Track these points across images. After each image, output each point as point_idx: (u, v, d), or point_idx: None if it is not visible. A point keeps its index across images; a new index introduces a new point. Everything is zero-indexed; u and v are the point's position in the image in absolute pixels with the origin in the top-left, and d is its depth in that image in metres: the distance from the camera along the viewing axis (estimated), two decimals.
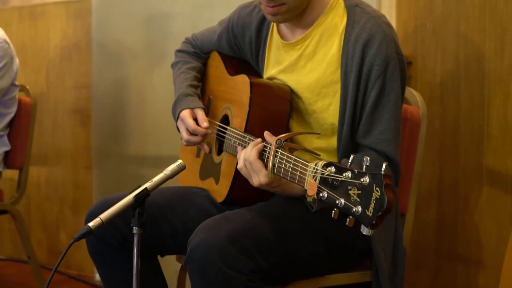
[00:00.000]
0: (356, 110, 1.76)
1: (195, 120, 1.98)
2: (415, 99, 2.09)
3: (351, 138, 1.77)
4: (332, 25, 1.80)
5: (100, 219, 1.50)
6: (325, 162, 1.42)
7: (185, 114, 1.97)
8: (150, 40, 3.40)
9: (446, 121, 2.47)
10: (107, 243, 1.85)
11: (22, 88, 3.14)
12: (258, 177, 1.62)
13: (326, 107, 1.82)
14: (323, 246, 1.76)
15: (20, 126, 3.12)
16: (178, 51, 2.25)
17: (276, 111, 1.88)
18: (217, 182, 1.97)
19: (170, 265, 2.18)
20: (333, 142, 1.81)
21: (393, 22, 2.57)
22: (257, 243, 1.60)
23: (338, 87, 1.79)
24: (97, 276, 3.49)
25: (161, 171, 1.59)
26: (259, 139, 1.67)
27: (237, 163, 1.71)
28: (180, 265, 2.11)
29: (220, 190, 1.93)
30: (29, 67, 3.77)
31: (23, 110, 3.11)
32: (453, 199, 2.44)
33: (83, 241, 1.86)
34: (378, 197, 1.26)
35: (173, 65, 2.22)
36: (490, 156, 2.34)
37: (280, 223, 1.70)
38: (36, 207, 3.82)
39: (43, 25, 3.73)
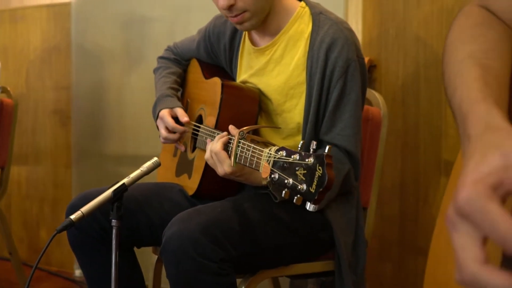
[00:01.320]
0: (319, 109, 1.81)
1: (175, 119, 2.03)
2: (377, 101, 2.13)
3: (315, 136, 1.82)
4: (299, 32, 1.87)
5: (81, 212, 1.55)
6: (278, 147, 1.47)
7: (164, 113, 2.03)
8: (129, 43, 3.39)
9: (408, 121, 2.51)
10: (87, 235, 1.90)
11: (3, 90, 3.13)
12: (223, 167, 1.66)
13: (294, 107, 1.88)
14: (288, 238, 1.79)
15: (2, 126, 3.12)
16: (160, 57, 2.31)
17: (245, 111, 1.94)
18: (189, 177, 2.02)
19: (146, 258, 2.22)
20: (299, 140, 1.85)
21: (359, 27, 2.61)
22: (227, 234, 1.64)
23: (304, 88, 1.85)
24: (77, 272, 3.53)
25: None
26: (225, 133, 1.72)
27: None
28: (156, 256, 2.15)
29: (192, 184, 1.98)
30: (10, 69, 3.74)
31: (5, 110, 3.10)
32: (414, 195, 2.50)
33: (63, 238, 1.91)
34: (320, 175, 1.31)
35: (155, 71, 2.28)
36: (447, 154, 2.40)
37: (249, 216, 1.74)
38: (16, 205, 3.80)
39: (24, 28, 3.71)
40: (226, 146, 1.69)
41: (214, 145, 1.68)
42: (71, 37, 3.56)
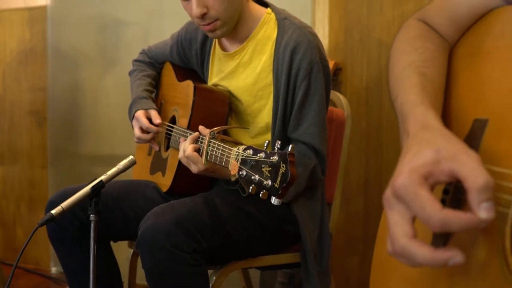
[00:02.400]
0: (286, 109, 1.89)
1: (149, 119, 2.11)
2: (341, 102, 2.22)
3: (283, 134, 1.90)
4: (265, 37, 1.95)
5: (61, 207, 1.60)
6: (245, 146, 1.53)
7: (140, 114, 2.11)
8: (104, 46, 3.40)
9: (371, 121, 2.60)
10: (66, 230, 1.96)
11: None
12: (196, 165, 1.74)
13: (263, 108, 1.96)
14: (257, 231, 1.87)
15: None
16: (135, 60, 2.37)
17: (216, 112, 2.00)
18: (163, 174, 2.10)
19: (122, 253, 2.28)
20: (268, 138, 1.93)
21: (325, 32, 2.69)
22: (198, 227, 1.70)
23: (271, 89, 1.92)
24: (53, 269, 3.55)
25: None
26: (197, 133, 1.78)
27: None
28: (131, 250, 2.22)
29: (165, 181, 2.05)
30: None
31: None
32: (378, 191, 2.58)
33: (39, 237, 1.95)
34: (283, 171, 1.38)
35: (131, 73, 2.34)
36: None
37: (219, 210, 1.81)
38: None
39: (0, 31, 3.69)
40: (198, 145, 1.76)
41: (187, 146, 1.75)
42: (47, 39, 3.57)
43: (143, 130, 2.11)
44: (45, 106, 3.62)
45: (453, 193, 0.87)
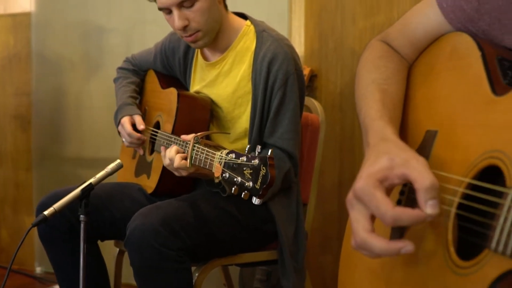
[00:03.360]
0: (263, 116, 1.98)
1: (134, 125, 2.20)
2: (316, 108, 2.32)
3: (259, 139, 1.99)
4: (245, 48, 2.04)
5: (54, 208, 1.69)
6: (228, 150, 1.60)
7: (125, 120, 2.20)
8: (86, 52, 3.46)
9: (345, 125, 2.69)
10: (57, 230, 2.04)
11: None
12: (180, 171, 1.84)
13: (241, 114, 2.06)
14: (237, 230, 1.96)
15: None
16: (120, 68, 2.45)
17: (199, 117, 2.10)
18: (148, 177, 2.19)
19: (108, 252, 2.32)
20: (245, 143, 2.03)
21: (301, 40, 2.79)
22: (183, 226, 1.80)
23: (249, 97, 2.02)
24: (38, 269, 3.60)
25: (97, 171, 1.77)
26: (180, 147, 1.86)
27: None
28: (117, 249, 2.31)
29: (150, 183, 2.15)
30: None
31: None
32: None
33: (22, 237, 1.97)
34: (264, 174, 1.48)
35: (115, 80, 2.42)
36: None
37: (202, 210, 1.90)
38: None
39: None
40: (182, 149, 1.84)
41: (172, 155, 1.83)
42: (31, 45, 3.61)
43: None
44: (29, 110, 3.66)
45: (408, 194, 1.00)
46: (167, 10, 1.97)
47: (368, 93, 1.10)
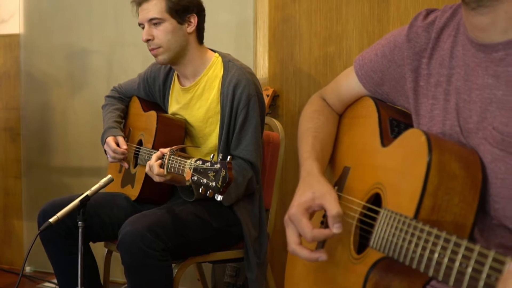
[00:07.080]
0: (229, 132, 2.23)
1: (117, 144, 2.47)
2: (277, 127, 2.59)
3: (227, 152, 2.24)
4: (214, 75, 2.32)
5: (57, 216, 1.95)
6: (196, 158, 1.85)
7: (110, 139, 2.48)
8: (71, 71, 3.61)
9: None
10: (57, 233, 2.29)
11: None
12: (159, 177, 2.07)
13: (212, 132, 2.33)
14: (208, 232, 2.21)
15: None
16: (107, 96, 2.71)
17: (175, 135, 2.37)
18: (132, 186, 2.46)
19: (97, 251, 2.50)
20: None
21: (266, 64, 3.03)
22: (165, 231, 2.06)
23: (218, 117, 2.28)
24: (27, 269, 3.73)
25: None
26: (160, 153, 2.09)
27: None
28: (106, 250, 2.56)
29: (134, 192, 2.41)
30: None
31: None
32: None
33: (12, 240, 2.01)
34: (223, 175, 1.73)
35: (103, 107, 2.69)
36: None
37: (180, 217, 2.15)
38: None
39: None
40: (161, 161, 2.09)
41: (152, 163, 2.10)
42: (20, 64, 3.75)
43: (114, 152, 2.46)
44: (18, 123, 3.79)
45: (326, 217, 1.39)
46: (143, 25, 2.29)
47: (303, 138, 1.47)
